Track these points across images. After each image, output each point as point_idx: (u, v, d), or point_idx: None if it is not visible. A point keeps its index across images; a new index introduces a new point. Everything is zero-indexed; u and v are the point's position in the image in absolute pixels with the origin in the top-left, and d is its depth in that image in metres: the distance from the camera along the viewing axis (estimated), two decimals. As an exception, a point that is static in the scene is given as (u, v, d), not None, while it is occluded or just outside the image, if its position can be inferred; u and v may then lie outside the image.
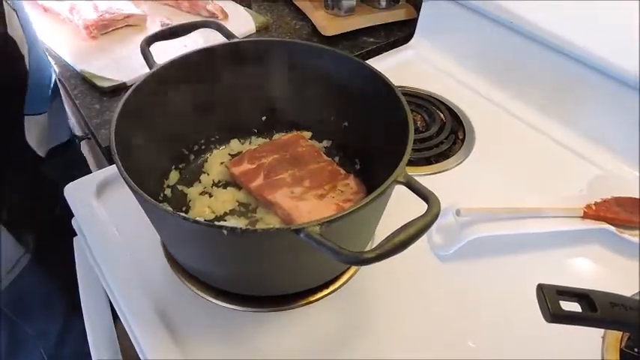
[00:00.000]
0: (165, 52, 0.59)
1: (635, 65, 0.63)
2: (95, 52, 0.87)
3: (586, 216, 0.60)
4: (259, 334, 0.51)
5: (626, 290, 0.51)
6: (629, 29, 0.63)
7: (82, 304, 0.65)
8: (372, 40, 0.95)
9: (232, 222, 0.58)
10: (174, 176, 0.62)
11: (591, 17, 0.67)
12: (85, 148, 0.95)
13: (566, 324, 0.35)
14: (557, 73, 0.74)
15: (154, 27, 0.94)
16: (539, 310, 0.36)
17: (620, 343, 0.50)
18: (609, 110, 0.69)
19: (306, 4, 1.00)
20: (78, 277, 0.66)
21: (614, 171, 0.68)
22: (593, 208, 0.60)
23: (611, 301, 0.35)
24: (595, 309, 0.35)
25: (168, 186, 0.61)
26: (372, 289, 0.56)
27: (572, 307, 0.36)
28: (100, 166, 0.89)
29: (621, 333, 0.50)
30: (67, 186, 0.64)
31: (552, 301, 0.34)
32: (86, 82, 0.82)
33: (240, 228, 0.40)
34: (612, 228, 0.58)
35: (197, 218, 0.43)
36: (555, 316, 0.34)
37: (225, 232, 0.40)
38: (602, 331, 0.51)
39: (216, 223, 0.54)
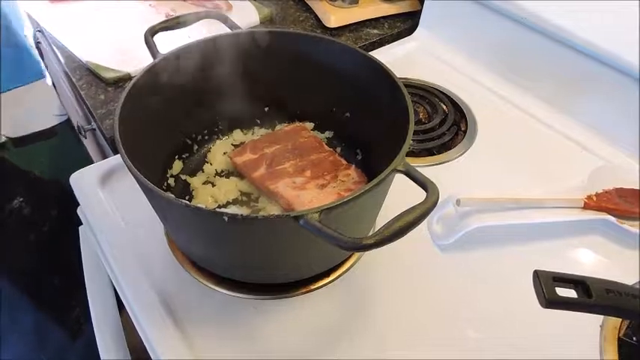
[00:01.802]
0: (170, 42, 0.60)
1: (636, 57, 0.62)
2: (100, 43, 0.88)
3: (587, 207, 0.60)
4: (260, 321, 0.52)
5: (626, 280, 0.50)
6: (631, 22, 0.63)
7: (87, 293, 0.66)
8: (375, 31, 0.95)
9: (234, 210, 0.59)
10: (177, 166, 0.63)
11: (594, 10, 0.67)
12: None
13: (562, 309, 0.35)
14: (560, 65, 0.74)
15: (158, 18, 0.94)
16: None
17: (619, 332, 0.50)
18: (611, 102, 0.69)
19: (310, -5, 1.00)
20: (83, 265, 0.67)
21: (615, 162, 0.68)
22: (594, 198, 0.60)
23: (607, 287, 0.36)
24: (590, 295, 0.35)
25: (171, 175, 0.62)
26: (372, 278, 0.56)
27: (568, 293, 0.37)
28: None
29: (620, 322, 0.51)
30: (72, 175, 0.65)
31: (548, 287, 0.35)
32: (91, 73, 0.82)
33: (241, 215, 0.41)
34: (613, 218, 0.59)
35: (199, 205, 0.44)
36: (550, 301, 0.34)
37: (225, 218, 0.40)
38: (600, 320, 0.51)
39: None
